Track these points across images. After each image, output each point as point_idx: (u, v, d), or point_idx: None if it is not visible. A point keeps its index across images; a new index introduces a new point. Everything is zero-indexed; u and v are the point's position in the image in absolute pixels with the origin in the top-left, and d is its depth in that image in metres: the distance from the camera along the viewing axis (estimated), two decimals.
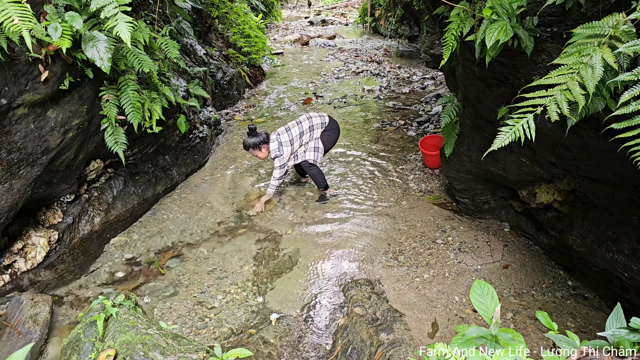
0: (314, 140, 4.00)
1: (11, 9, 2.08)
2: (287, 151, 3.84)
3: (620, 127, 1.44)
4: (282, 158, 3.83)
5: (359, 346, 2.38)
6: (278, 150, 3.80)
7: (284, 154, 3.82)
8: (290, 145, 3.84)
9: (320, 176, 4.09)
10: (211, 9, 6.91)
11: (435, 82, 7.88)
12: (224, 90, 6.65)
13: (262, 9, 10.94)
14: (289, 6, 17.85)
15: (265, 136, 3.80)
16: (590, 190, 2.67)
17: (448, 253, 3.34)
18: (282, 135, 3.85)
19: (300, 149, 3.98)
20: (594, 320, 2.68)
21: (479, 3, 2.31)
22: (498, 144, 1.72)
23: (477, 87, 2.82)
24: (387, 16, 10.83)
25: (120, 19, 2.49)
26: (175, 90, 4.08)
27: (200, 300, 2.94)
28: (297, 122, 3.93)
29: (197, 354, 1.97)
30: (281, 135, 3.85)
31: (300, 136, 3.89)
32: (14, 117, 2.60)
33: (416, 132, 5.64)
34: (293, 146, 3.87)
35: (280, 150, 3.80)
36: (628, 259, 2.50)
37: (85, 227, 3.49)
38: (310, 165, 4.02)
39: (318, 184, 4.15)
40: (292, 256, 3.39)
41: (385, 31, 11.41)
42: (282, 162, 3.84)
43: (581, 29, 1.62)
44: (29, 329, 2.45)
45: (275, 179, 3.91)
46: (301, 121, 3.94)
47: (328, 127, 4.02)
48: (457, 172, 3.60)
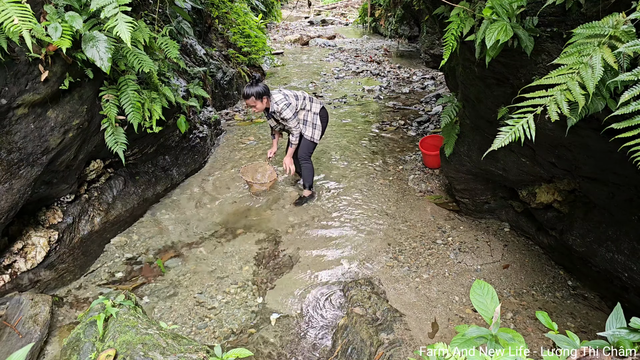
0: (312, 114, 3.97)
1: (11, 9, 2.08)
2: (293, 101, 3.80)
3: (620, 127, 1.44)
4: (292, 107, 3.77)
5: (359, 346, 2.38)
6: (285, 100, 3.74)
7: (292, 103, 3.77)
8: (294, 99, 3.81)
9: (311, 174, 4.10)
10: (211, 9, 6.91)
11: (435, 82, 7.88)
12: (224, 90, 6.65)
13: (262, 9, 10.94)
14: (289, 6, 17.85)
15: (265, 89, 3.70)
16: (590, 190, 2.67)
17: (448, 253, 3.34)
18: (284, 90, 3.86)
19: (300, 113, 3.93)
20: (594, 320, 2.68)
21: (479, 3, 2.31)
22: (498, 144, 1.72)
23: (477, 87, 2.82)
24: (387, 16, 10.84)
25: (120, 19, 2.49)
26: (175, 90, 4.08)
27: (200, 300, 2.94)
28: (293, 92, 3.91)
29: (197, 354, 1.97)
30: (283, 90, 3.86)
31: (297, 98, 3.87)
32: (14, 117, 2.59)
33: (416, 132, 5.64)
34: (297, 102, 3.84)
35: (287, 98, 3.76)
36: (628, 259, 2.50)
37: (85, 227, 3.49)
38: (307, 157, 4.03)
39: (305, 180, 4.14)
40: (292, 256, 3.39)
41: (385, 31, 11.41)
42: (292, 110, 3.77)
43: (581, 29, 1.62)
44: (29, 329, 2.45)
45: (295, 128, 3.84)
46: (297, 93, 3.92)
47: (322, 111, 4.03)
48: (457, 172, 3.60)
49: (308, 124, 3.97)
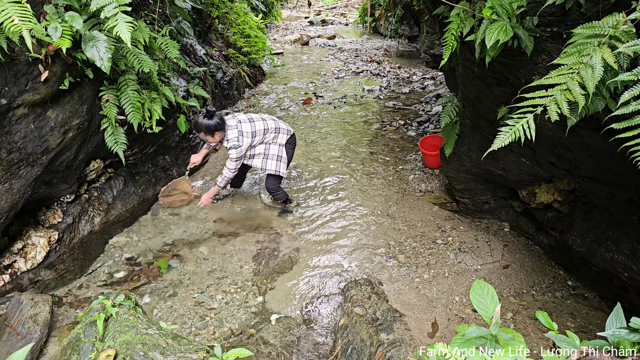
0: (277, 146, 3.73)
1: (11, 9, 2.08)
2: (246, 143, 3.53)
3: (620, 127, 1.44)
4: (240, 150, 3.52)
5: (359, 346, 2.38)
6: (237, 140, 3.48)
7: (242, 145, 3.51)
8: (250, 138, 3.55)
9: (283, 197, 3.92)
10: (211, 9, 6.91)
11: (435, 82, 7.88)
12: (224, 90, 6.65)
13: (262, 9, 10.94)
14: (289, 6, 17.84)
15: (221, 122, 3.46)
16: (590, 190, 2.67)
17: (448, 253, 3.34)
18: (244, 125, 3.54)
19: (259, 147, 3.70)
20: (594, 320, 2.68)
21: (479, 3, 2.31)
22: (498, 144, 1.72)
23: (477, 87, 2.82)
24: (387, 16, 10.84)
25: (120, 19, 2.49)
26: (175, 90, 4.08)
27: (200, 301, 2.94)
28: (262, 118, 3.66)
29: (197, 354, 1.97)
30: (243, 125, 3.53)
31: (263, 132, 3.62)
32: (14, 117, 2.60)
33: (416, 132, 5.64)
34: (253, 139, 3.58)
35: (239, 140, 3.49)
36: (628, 259, 2.50)
37: (85, 227, 3.49)
38: (275, 189, 3.82)
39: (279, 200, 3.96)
40: (292, 256, 3.39)
41: (385, 31, 11.40)
42: (239, 154, 3.53)
43: (581, 29, 1.62)
44: (29, 329, 2.45)
45: (230, 170, 3.62)
46: (266, 119, 3.68)
47: (290, 140, 3.80)
48: (457, 172, 3.60)
49: (271, 157, 3.72)
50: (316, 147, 5.27)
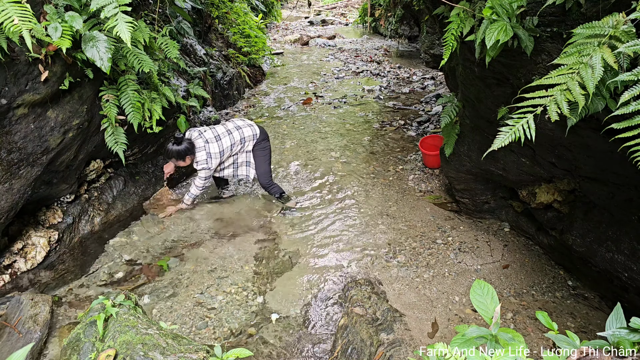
0: (245, 153, 3.83)
1: (11, 9, 2.08)
2: (215, 164, 3.62)
3: (620, 127, 1.44)
4: (209, 170, 3.63)
5: (359, 346, 2.38)
6: (206, 163, 3.57)
7: (211, 167, 3.61)
8: (219, 158, 3.63)
9: (277, 190, 4.00)
10: (211, 9, 6.91)
11: (435, 82, 7.88)
12: (224, 90, 6.65)
13: (262, 9, 10.94)
14: (289, 6, 17.84)
15: (189, 145, 3.51)
16: (590, 190, 2.67)
17: (448, 253, 3.34)
18: (212, 145, 3.58)
19: (229, 160, 3.81)
20: (594, 320, 2.68)
21: (479, 3, 2.31)
22: (498, 144, 1.72)
23: (477, 87, 2.82)
24: (387, 16, 10.84)
25: (120, 19, 2.49)
26: (175, 90, 4.08)
27: (200, 301, 2.94)
28: (227, 131, 3.68)
29: (197, 354, 1.97)
30: (210, 145, 3.57)
31: (230, 148, 3.68)
32: (14, 117, 2.60)
33: (416, 132, 5.64)
34: (222, 158, 3.66)
35: (208, 162, 3.57)
36: (628, 259, 2.50)
37: (85, 227, 3.49)
38: (268, 183, 3.91)
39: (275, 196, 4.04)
40: (292, 256, 3.39)
41: (385, 31, 11.41)
42: (208, 174, 3.65)
43: (581, 29, 1.62)
44: (29, 329, 2.45)
45: (198, 188, 3.73)
46: (231, 130, 3.70)
47: (260, 138, 3.83)
48: (457, 172, 3.60)
49: (240, 164, 3.86)
50: (316, 147, 5.27)
